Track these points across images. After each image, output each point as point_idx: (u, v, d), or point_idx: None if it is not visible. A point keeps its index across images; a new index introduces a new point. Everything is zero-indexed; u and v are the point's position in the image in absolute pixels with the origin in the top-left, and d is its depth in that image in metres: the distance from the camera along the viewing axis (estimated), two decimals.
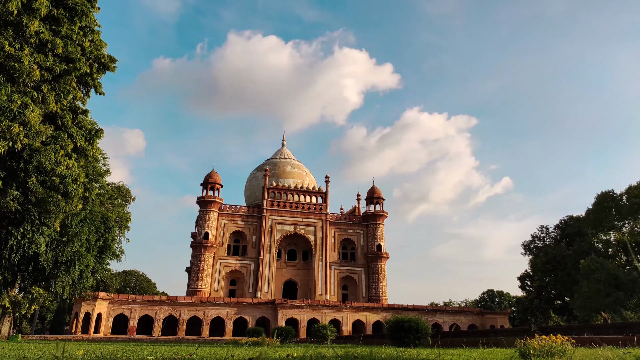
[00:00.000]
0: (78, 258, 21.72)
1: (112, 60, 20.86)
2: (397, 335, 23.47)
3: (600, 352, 10.45)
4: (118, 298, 58.53)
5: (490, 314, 69.89)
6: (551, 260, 62.35)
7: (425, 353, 12.53)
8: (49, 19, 17.87)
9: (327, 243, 77.03)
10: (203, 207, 73.60)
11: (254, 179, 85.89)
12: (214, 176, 76.23)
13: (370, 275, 76.67)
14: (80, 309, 54.35)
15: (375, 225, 79.40)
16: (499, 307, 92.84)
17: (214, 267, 71.66)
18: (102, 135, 21.34)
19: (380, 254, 76.83)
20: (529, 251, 71.39)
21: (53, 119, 18.52)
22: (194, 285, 68.93)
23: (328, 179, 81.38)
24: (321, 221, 78.00)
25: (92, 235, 24.21)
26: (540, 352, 9.24)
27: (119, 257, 37.04)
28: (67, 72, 18.07)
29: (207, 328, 58.89)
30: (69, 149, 18.32)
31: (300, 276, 76.16)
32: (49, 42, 17.10)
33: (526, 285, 73.24)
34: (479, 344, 17.48)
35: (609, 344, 13.35)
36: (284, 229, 76.16)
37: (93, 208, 23.87)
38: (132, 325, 57.50)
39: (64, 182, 17.18)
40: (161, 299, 60.83)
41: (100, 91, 20.76)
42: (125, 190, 49.83)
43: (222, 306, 60.59)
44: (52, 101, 17.46)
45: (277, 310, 60.59)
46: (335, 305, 63.78)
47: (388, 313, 63.41)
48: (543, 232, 71.76)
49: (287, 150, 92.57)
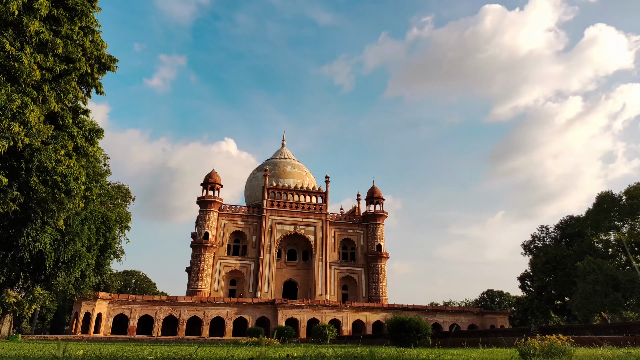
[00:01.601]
0: (79, 257, 21.77)
1: (112, 60, 20.88)
2: (397, 335, 23.48)
3: (601, 352, 10.48)
4: (118, 298, 58.51)
5: (490, 314, 69.92)
6: (551, 260, 62.28)
7: (425, 353, 12.54)
8: (49, 19, 17.88)
9: (327, 243, 77.02)
10: (203, 207, 73.59)
11: (254, 179, 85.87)
12: (214, 176, 76.27)
13: (370, 275, 76.70)
14: (80, 309, 54.33)
15: (375, 225, 79.39)
16: (499, 307, 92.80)
17: (214, 267, 71.65)
18: (102, 135, 21.40)
19: (380, 254, 76.82)
20: (529, 251, 71.28)
21: (54, 118, 18.54)
22: (194, 285, 68.94)
23: (328, 179, 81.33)
24: (321, 221, 78.00)
25: (93, 235, 24.26)
26: (540, 352, 9.24)
27: (119, 256, 37.16)
28: (68, 72, 18.08)
29: (207, 328, 58.87)
30: (69, 149, 18.34)
31: (300, 276, 76.15)
32: (49, 42, 17.11)
33: (526, 285, 73.17)
34: (479, 344, 17.50)
35: (609, 344, 13.37)
36: (284, 229, 76.15)
37: (94, 208, 23.92)
38: (132, 325, 57.49)
39: (65, 180, 17.20)
40: (161, 299, 60.82)
41: (101, 91, 20.78)
42: (125, 190, 49.93)
43: (222, 306, 60.58)
44: (52, 101, 17.47)
45: (277, 310, 60.58)
46: (335, 305, 63.77)
47: (388, 313, 63.38)
48: (543, 232, 71.58)
49: (287, 150, 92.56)
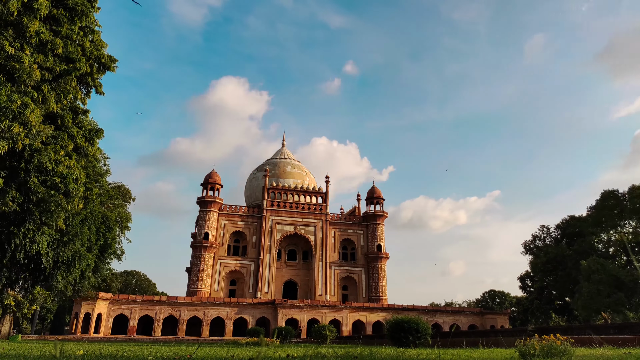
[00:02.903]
0: (79, 258, 21.76)
1: (112, 60, 20.87)
2: (397, 335, 23.44)
3: (601, 352, 10.46)
4: (118, 298, 58.52)
5: (491, 314, 69.89)
6: (552, 260, 62.22)
7: (425, 353, 12.52)
8: (49, 19, 17.87)
9: (327, 243, 77.01)
10: (203, 207, 73.60)
11: (254, 179, 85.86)
12: (214, 176, 76.28)
13: (370, 276, 76.68)
14: (81, 309, 54.34)
15: (375, 225, 79.37)
16: (500, 307, 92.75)
17: (214, 267, 71.65)
18: (102, 135, 21.39)
19: (381, 254, 76.80)
20: (530, 251, 71.24)
21: (53, 119, 18.53)
22: (194, 286, 68.93)
23: (328, 179, 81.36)
24: (321, 221, 77.99)
25: (93, 235, 24.26)
26: (540, 352, 9.22)
27: (119, 257, 37.13)
28: (68, 72, 18.08)
29: (207, 328, 58.87)
30: (69, 149, 18.34)
31: (300, 276, 76.14)
32: (49, 42, 17.11)
33: (526, 285, 73.15)
34: (479, 344, 17.47)
35: (610, 344, 13.35)
36: (284, 229, 76.15)
37: (93, 208, 23.91)
38: (132, 326, 57.49)
39: (65, 181, 17.20)
40: (161, 299, 60.83)
41: (101, 91, 20.78)
42: (125, 190, 49.88)
43: (222, 306, 60.58)
44: (52, 101, 17.47)
45: (277, 311, 60.57)
46: (336, 306, 63.76)
47: (388, 313, 63.38)
48: (544, 232, 71.52)
49: (287, 151, 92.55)
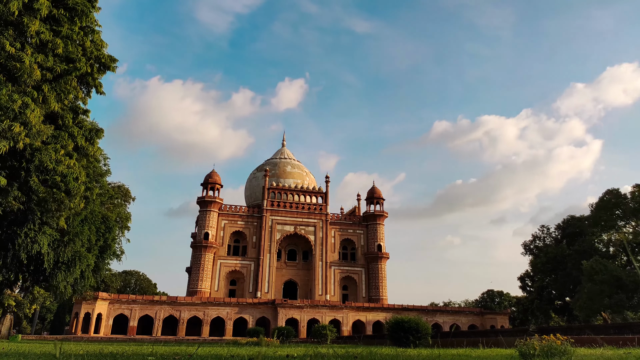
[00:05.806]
0: (79, 258, 21.77)
1: (112, 60, 20.89)
2: (397, 335, 23.44)
3: (601, 352, 10.47)
4: (118, 298, 58.51)
5: (491, 314, 69.89)
6: (552, 260, 62.15)
7: (425, 353, 12.53)
8: (50, 19, 17.87)
9: (327, 243, 76.99)
10: (203, 207, 73.57)
11: (254, 179, 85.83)
12: (214, 176, 76.26)
13: (370, 276, 76.66)
14: (81, 309, 54.32)
15: (376, 225, 79.34)
16: (499, 307, 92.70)
17: (214, 267, 71.63)
18: (102, 135, 21.41)
19: (381, 254, 76.77)
20: (530, 251, 71.17)
21: (54, 118, 18.54)
22: (194, 286, 68.93)
23: (328, 179, 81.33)
24: (321, 221, 77.97)
25: (93, 235, 24.27)
26: (540, 352, 9.23)
27: (119, 257, 37.14)
28: (68, 72, 18.08)
29: (207, 328, 58.86)
30: (69, 149, 18.35)
31: (300, 276, 76.13)
32: (49, 42, 17.11)
33: (526, 285, 73.05)
34: (479, 344, 17.48)
35: (610, 344, 13.36)
36: (284, 229, 76.13)
37: (93, 208, 23.91)
38: (132, 326, 57.48)
39: (65, 180, 17.20)
40: (161, 299, 60.83)
41: (101, 91, 20.80)
42: (125, 190, 49.86)
43: (222, 306, 60.58)
44: (52, 101, 17.47)
45: (277, 311, 60.56)
46: (336, 306, 63.76)
47: (388, 313, 63.38)
48: (544, 232, 71.42)
49: (287, 151, 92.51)
